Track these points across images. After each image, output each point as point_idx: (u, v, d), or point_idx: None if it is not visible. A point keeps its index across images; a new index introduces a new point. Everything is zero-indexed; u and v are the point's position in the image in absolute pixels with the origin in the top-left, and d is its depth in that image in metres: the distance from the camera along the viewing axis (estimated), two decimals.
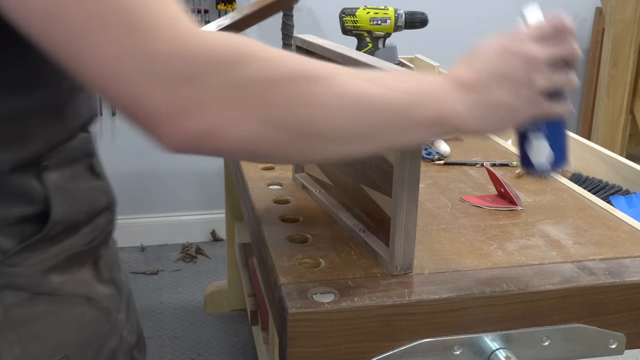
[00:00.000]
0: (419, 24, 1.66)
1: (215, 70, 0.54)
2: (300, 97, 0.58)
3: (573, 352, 0.82)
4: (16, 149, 0.64)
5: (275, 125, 0.57)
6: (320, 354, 0.74)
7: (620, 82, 2.98)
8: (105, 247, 0.81)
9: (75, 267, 0.73)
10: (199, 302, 2.48)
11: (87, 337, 0.74)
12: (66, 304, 0.72)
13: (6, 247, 0.66)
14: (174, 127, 0.54)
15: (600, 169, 1.39)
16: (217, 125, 0.55)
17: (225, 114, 0.55)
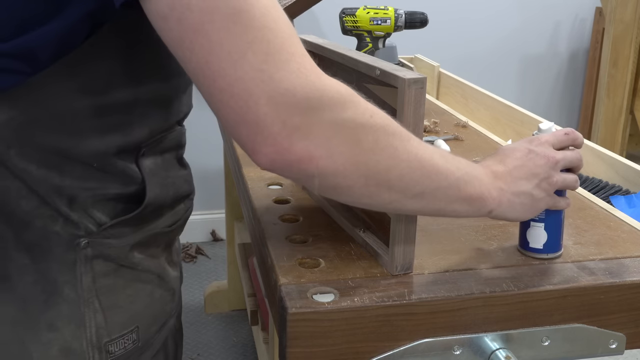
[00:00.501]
0: (419, 24, 1.66)
1: (327, 107, 0.63)
2: (386, 146, 0.67)
3: (573, 352, 0.82)
4: (123, 134, 0.72)
5: (358, 165, 0.66)
6: (320, 354, 0.74)
7: (620, 82, 2.98)
8: (179, 232, 0.88)
9: (153, 247, 0.80)
10: (199, 302, 2.48)
11: (154, 313, 0.81)
12: (143, 279, 0.78)
13: (102, 221, 0.73)
14: (279, 147, 0.62)
15: (600, 169, 1.39)
16: (315, 153, 0.63)
17: (324, 145, 0.63)
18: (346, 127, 0.64)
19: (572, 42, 3.24)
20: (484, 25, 3.10)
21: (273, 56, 0.60)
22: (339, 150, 0.64)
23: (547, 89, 3.30)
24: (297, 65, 0.62)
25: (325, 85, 0.63)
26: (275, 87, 0.60)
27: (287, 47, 0.61)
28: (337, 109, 0.63)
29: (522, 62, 3.21)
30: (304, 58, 0.63)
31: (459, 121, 1.53)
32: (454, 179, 0.71)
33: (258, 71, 0.60)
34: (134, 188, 0.75)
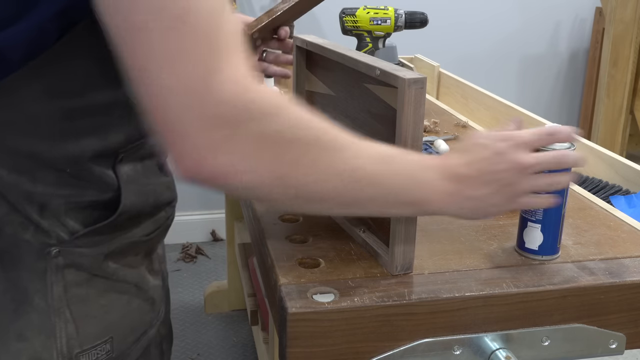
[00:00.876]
0: (419, 24, 1.66)
1: (255, 120, 0.61)
2: (315, 160, 0.65)
3: (573, 352, 0.82)
4: (100, 138, 0.70)
5: (284, 179, 0.64)
6: (320, 354, 0.74)
7: (620, 82, 2.98)
8: (161, 240, 0.87)
9: (131, 256, 0.78)
10: (199, 302, 2.48)
11: (131, 323, 0.79)
12: (118, 289, 0.76)
13: (75, 229, 0.71)
14: (202, 160, 0.60)
15: (600, 169, 1.39)
16: (239, 168, 0.61)
17: (249, 159, 0.61)
18: (272, 140, 0.62)
19: (572, 42, 3.24)
20: (484, 25, 3.10)
21: (211, 65, 0.59)
22: (263, 165, 0.62)
23: (547, 89, 3.30)
24: (231, 76, 0.59)
25: (256, 97, 0.61)
26: (205, 96, 0.59)
27: (225, 56, 0.59)
28: (264, 122, 0.61)
29: (522, 62, 3.21)
30: (239, 68, 0.60)
31: (459, 121, 1.53)
32: (393, 187, 0.69)
33: (191, 78, 0.58)
34: (109, 195, 0.73)
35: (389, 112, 0.78)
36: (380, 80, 0.78)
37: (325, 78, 0.96)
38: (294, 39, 0.99)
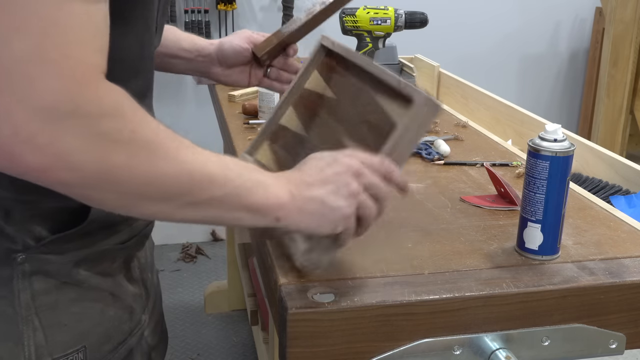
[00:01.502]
0: (419, 24, 1.66)
1: (80, 119, 0.55)
2: (144, 162, 0.59)
3: (573, 352, 0.82)
4: None
5: (108, 180, 0.58)
6: (320, 354, 0.74)
7: (620, 82, 2.98)
8: (139, 248, 0.84)
9: (106, 263, 0.77)
10: (199, 302, 2.48)
11: (107, 331, 0.76)
12: (91, 297, 0.75)
13: (40, 235, 0.70)
14: (9, 154, 0.54)
15: (600, 169, 1.39)
16: (51, 165, 0.55)
17: (65, 158, 0.55)
18: (98, 141, 0.56)
19: (572, 42, 3.24)
20: (484, 25, 3.10)
21: (42, 51, 0.53)
22: (84, 164, 0.56)
23: (547, 89, 3.30)
24: (64, 69, 0.54)
25: (88, 96, 0.56)
26: (27, 85, 0.53)
27: (64, 47, 0.55)
28: (91, 122, 0.56)
29: (523, 62, 3.21)
30: (80, 64, 0.55)
31: (459, 121, 1.53)
32: (232, 187, 0.65)
33: (17, 62, 0.53)
34: (77, 203, 0.68)
35: (386, 126, 0.78)
36: (397, 93, 0.78)
37: (334, 81, 0.95)
38: (321, 37, 0.99)
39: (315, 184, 0.71)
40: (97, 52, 0.58)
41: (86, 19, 0.56)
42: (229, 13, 2.79)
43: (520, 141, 1.68)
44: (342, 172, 0.71)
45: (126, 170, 0.58)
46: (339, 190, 0.71)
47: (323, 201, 0.70)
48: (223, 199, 0.65)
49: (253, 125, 1.45)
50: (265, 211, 0.68)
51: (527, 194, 0.85)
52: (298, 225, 0.71)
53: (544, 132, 0.84)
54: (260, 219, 0.68)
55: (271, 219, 0.69)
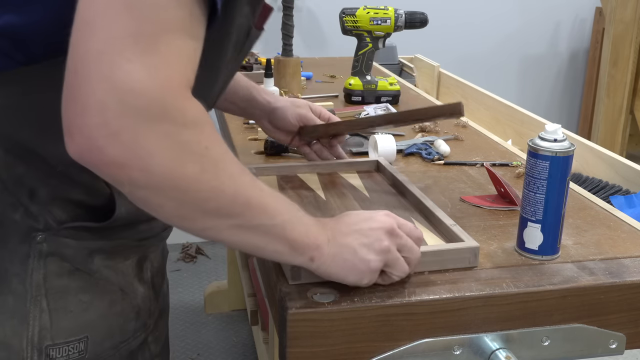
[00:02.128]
0: (419, 24, 1.66)
1: (166, 123, 0.58)
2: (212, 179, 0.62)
3: (573, 352, 0.82)
4: None
5: (176, 188, 0.60)
6: (320, 354, 0.74)
7: (620, 82, 2.98)
8: (155, 250, 0.85)
9: (120, 258, 0.78)
10: (199, 302, 2.48)
11: (111, 327, 0.77)
12: (101, 288, 0.75)
13: (62, 219, 0.71)
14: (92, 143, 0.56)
15: (600, 169, 1.39)
16: (130, 163, 0.57)
17: (144, 158, 0.58)
18: (177, 149, 0.59)
19: (572, 42, 3.24)
20: (484, 25, 3.11)
21: (148, 57, 0.56)
22: (158, 168, 0.58)
23: (547, 89, 3.30)
24: (164, 76, 0.57)
25: (177, 104, 0.58)
26: (125, 80, 0.55)
27: (169, 57, 0.58)
28: (176, 129, 0.58)
29: (523, 62, 3.21)
30: (177, 74, 0.58)
31: (459, 121, 1.53)
32: (280, 220, 0.68)
33: (122, 59, 0.55)
34: (102, 200, 0.73)
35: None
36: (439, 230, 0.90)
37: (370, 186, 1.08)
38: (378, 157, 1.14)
39: (351, 234, 0.73)
40: (192, 67, 0.61)
41: (193, 36, 0.60)
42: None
43: (520, 141, 1.68)
44: (376, 228, 0.74)
45: (194, 182, 0.60)
46: (371, 245, 0.73)
47: (355, 251, 0.73)
48: (270, 229, 0.67)
49: (253, 125, 1.45)
50: (304, 249, 0.70)
51: (527, 194, 0.85)
52: (328, 269, 0.73)
53: (544, 132, 0.84)
54: (297, 256, 0.71)
55: (306, 258, 0.71)
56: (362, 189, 1.06)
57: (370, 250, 0.73)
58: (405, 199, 1.01)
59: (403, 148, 1.29)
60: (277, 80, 1.70)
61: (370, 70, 1.71)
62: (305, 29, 2.89)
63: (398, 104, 1.70)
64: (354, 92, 1.69)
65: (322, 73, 2.08)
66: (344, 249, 0.73)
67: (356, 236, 0.73)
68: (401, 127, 1.38)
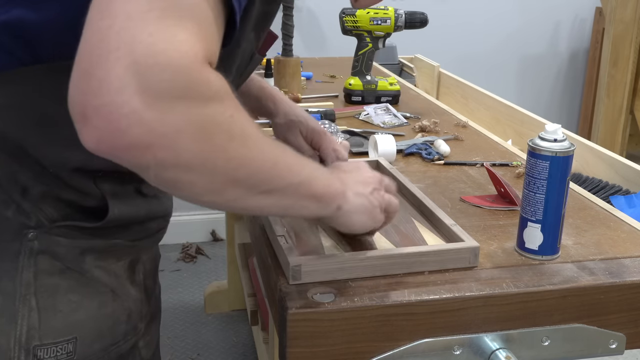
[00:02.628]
0: (419, 24, 1.66)
1: (190, 98, 0.54)
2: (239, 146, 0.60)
3: (573, 352, 0.82)
4: (87, 156, 0.59)
5: (206, 162, 0.58)
6: (320, 354, 0.74)
7: (620, 82, 2.98)
8: (147, 252, 0.84)
9: (112, 258, 0.77)
10: (199, 302, 2.48)
11: (101, 329, 0.76)
12: (91, 288, 0.75)
13: (54, 217, 0.71)
14: (113, 124, 0.52)
15: (600, 169, 1.39)
16: (155, 142, 0.54)
17: (170, 136, 0.54)
18: (202, 122, 0.56)
19: (572, 42, 3.24)
20: (484, 25, 3.10)
21: (173, 29, 0.53)
22: (185, 145, 0.55)
23: (547, 89, 3.30)
24: (188, 48, 0.54)
25: (202, 77, 0.55)
26: (147, 54, 0.51)
27: (194, 29, 0.55)
28: (201, 102, 0.55)
29: (523, 62, 3.21)
30: (202, 47, 0.55)
31: (459, 121, 1.53)
32: (304, 175, 0.69)
33: (142, 32, 0.52)
34: (94, 202, 0.73)
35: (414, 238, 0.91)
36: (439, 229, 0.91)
37: None
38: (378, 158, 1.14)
39: (358, 182, 0.78)
40: (216, 44, 0.59)
41: (216, 16, 0.58)
42: None
43: (520, 141, 1.68)
44: (372, 177, 0.81)
45: (222, 153, 0.58)
46: (374, 193, 0.79)
47: (368, 197, 0.78)
48: (298, 187, 0.68)
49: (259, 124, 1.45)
50: (329, 199, 0.72)
51: (527, 194, 0.85)
52: (351, 216, 0.76)
53: (544, 132, 0.84)
54: (324, 207, 0.72)
55: (333, 208, 0.73)
56: None
57: (376, 196, 0.79)
58: (405, 199, 1.01)
59: (403, 148, 1.29)
60: (277, 80, 1.70)
61: (370, 70, 1.71)
62: (305, 29, 2.89)
63: (398, 104, 1.70)
64: (354, 92, 1.69)
65: (322, 73, 2.08)
66: (360, 197, 0.77)
67: (363, 184, 0.79)
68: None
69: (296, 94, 1.69)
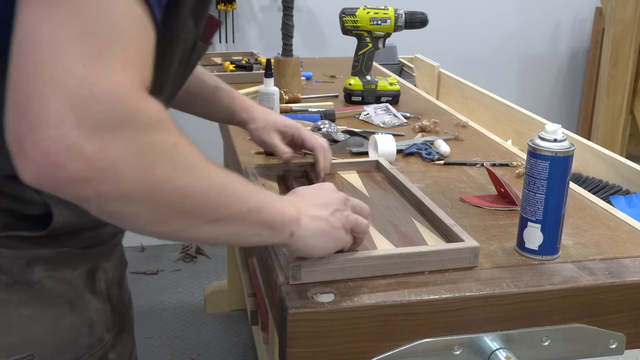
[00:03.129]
0: (419, 24, 1.66)
1: (129, 128, 0.54)
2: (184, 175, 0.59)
3: (573, 352, 0.82)
4: None
5: (149, 193, 0.57)
6: (320, 354, 0.74)
7: (620, 82, 2.98)
8: (106, 259, 0.81)
9: (65, 268, 0.73)
10: (199, 302, 2.48)
11: (60, 343, 0.72)
12: (45, 301, 0.71)
13: None
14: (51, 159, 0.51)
15: (600, 169, 1.39)
16: (96, 176, 0.53)
17: (111, 168, 0.53)
18: (144, 153, 0.55)
19: (572, 42, 3.24)
20: (484, 25, 3.10)
21: (104, 59, 0.52)
22: (127, 176, 0.54)
23: (547, 89, 3.30)
24: (122, 79, 0.53)
25: (140, 106, 0.55)
26: (82, 86, 0.51)
27: (126, 59, 0.54)
28: (141, 132, 0.55)
29: (523, 62, 3.21)
30: (136, 76, 0.55)
31: (459, 121, 1.53)
32: (254, 203, 0.67)
33: (75, 63, 0.51)
34: (36, 210, 0.69)
35: (414, 238, 0.90)
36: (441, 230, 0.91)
37: (371, 186, 1.09)
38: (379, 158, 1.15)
39: (316, 205, 0.75)
40: (148, 69, 0.58)
41: (145, 40, 0.57)
42: (229, 13, 2.79)
43: (520, 141, 1.68)
44: (334, 198, 0.78)
45: (167, 183, 0.58)
46: (336, 214, 0.76)
47: (328, 221, 0.75)
48: (246, 215, 0.66)
49: None
50: (282, 226, 0.70)
51: (527, 194, 0.85)
52: (307, 242, 0.73)
53: (544, 132, 0.84)
54: (277, 235, 0.70)
55: (286, 235, 0.71)
56: (362, 188, 1.06)
57: (338, 217, 0.76)
58: (406, 199, 1.01)
59: (403, 148, 1.29)
60: (277, 80, 1.69)
61: (370, 70, 1.71)
62: (305, 29, 2.89)
63: (398, 104, 1.70)
64: (354, 92, 1.69)
65: (322, 73, 2.08)
66: (318, 220, 0.74)
67: (322, 206, 0.76)
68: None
69: (296, 94, 1.69)
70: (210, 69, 2.05)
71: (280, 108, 1.52)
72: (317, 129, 1.33)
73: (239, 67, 1.98)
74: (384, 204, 1.00)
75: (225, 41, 2.82)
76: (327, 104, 1.63)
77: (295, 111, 1.56)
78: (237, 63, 2.01)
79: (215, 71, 2.00)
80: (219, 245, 2.87)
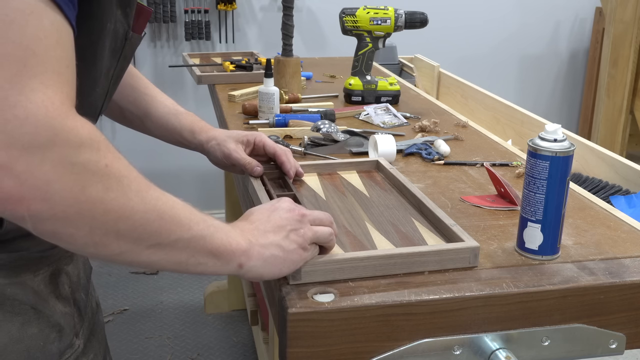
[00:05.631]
0: (419, 24, 1.66)
1: (58, 148, 0.54)
2: (118, 197, 0.59)
3: (573, 352, 0.82)
4: None
5: (82, 213, 0.57)
6: (320, 354, 0.74)
7: (620, 82, 2.98)
8: (69, 262, 0.79)
9: (26, 273, 0.72)
10: (199, 302, 2.48)
11: (29, 351, 0.71)
12: (8, 309, 0.69)
13: None
14: None
15: (600, 169, 1.39)
16: (27, 195, 0.54)
17: (42, 188, 0.54)
18: (75, 172, 0.55)
19: (572, 42, 3.24)
20: (484, 25, 3.11)
21: (21, 79, 0.53)
22: (60, 195, 0.55)
23: (547, 89, 3.30)
24: (43, 97, 0.54)
25: (66, 125, 0.55)
26: (3, 108, 0.52)
27: (44, 77, 0.54)
28: (70, 152, 0.55)
29: (523, 62, 3.21)
30: (57, 94, 0.55)
31: (459, 121, 1.53)
32: (197, 230, 0.66)
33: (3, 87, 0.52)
34: None
35: (414, 238, 0.93)
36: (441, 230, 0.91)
37: (371, 186, 1.08)
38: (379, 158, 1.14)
39: (268, 231, 0.74)
40: (71, 84, 0.58)
41: (62, 53, 0.57)
42: (229, 13, 2.79)
43: (520, 141, 1.68)
44: (288, 218, 0.76)
45: (100, 204, 0.57)
46: (290, 235, 0.74)
47: (281, 245, 0.74)
48: (189, 242, 0.65)
49: (253, 125, 1.45)
50: (229, 256, 0.69)
51: (527, 194, 0.85)
52: (259, 271, 0.72)
53: (544, 132, 0.84)
54: (223, 265, 0.69)
55: (234, 266, 0.70)
56: (362, 188, 1.06)
57: (292, 239, 0.74)
58: (406, 199, 1.01)
59: (403, 148, 1.29)
60: (277, 80, 1.70)
61: (370, 70, 1.71)
62: (305, 29, 2.89)
63: (398, 104, 1.70)
64: (354, 92, 1.69)
65: (322, 73, 2.08)
66: (270, 247, 0.73)
67: (275, 231, 0.74)
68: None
69: (296, 94, 1.69)
70: (211, 69, 2.05)
71: (280, 108, 1.52)
72: (317, 129, 1.33)
73: (239, 67, 1.98)
74: (384, 204, 1.00)
75: (225, 41, 2.82)
76: (327, 104, 1.63)
77: (295, 111, 1.56)
78: (237, 63, 2.01)
79: (215, 71, 2.00)
80: None
